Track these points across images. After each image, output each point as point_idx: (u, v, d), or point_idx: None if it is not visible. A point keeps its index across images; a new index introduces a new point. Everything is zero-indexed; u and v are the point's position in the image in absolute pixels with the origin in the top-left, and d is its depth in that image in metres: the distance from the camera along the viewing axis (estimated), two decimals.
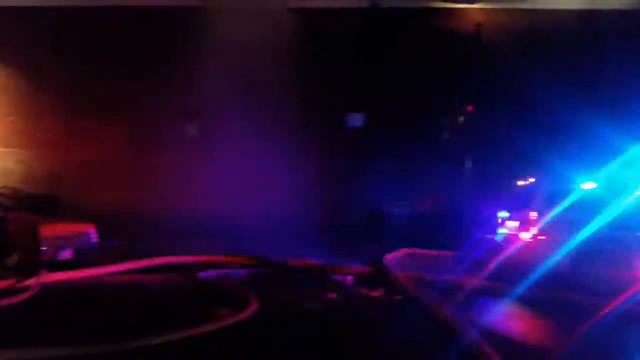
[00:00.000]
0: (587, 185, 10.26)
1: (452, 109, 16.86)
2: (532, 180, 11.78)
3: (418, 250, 12.87)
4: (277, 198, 15.12)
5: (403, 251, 12.72)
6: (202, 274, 9.16)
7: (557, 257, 9.29)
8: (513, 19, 17.44)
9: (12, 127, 18.45)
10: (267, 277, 9.65)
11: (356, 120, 18.31)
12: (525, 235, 11.05)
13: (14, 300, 6.41)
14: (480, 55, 17.23)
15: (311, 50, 17.00)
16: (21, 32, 18.03)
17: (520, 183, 12.49)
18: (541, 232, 10.70)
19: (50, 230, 8.80)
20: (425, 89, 16.87)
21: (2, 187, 14.41)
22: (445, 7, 17.59)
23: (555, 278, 8.53)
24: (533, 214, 11.02)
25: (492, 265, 10.39)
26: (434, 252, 12.54)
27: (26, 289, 7.03)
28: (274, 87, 15.30)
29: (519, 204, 11.49)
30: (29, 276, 7.32)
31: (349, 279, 9.48)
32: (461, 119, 16.67)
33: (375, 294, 8.40)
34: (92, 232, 9.62)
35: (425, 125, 16.94)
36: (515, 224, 11.41)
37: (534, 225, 10.89)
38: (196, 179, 15.85)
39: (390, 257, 11.59)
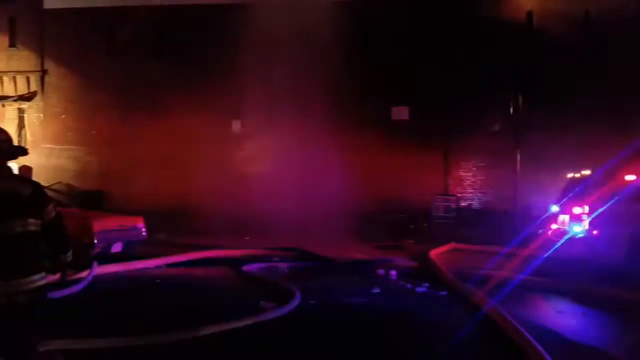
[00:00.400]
0: (631, 177, 9.86)
1: (502, 100, 16.42)
2: (585, 172, 11.34)
3: (465, 246, 12.65)
4: (321, 192, 15.05)
5: (449, 246, 12.53)
6: (247, 267, 9.29)
7: (612, 252, 8.97)
8: (566, 5, 16.82)
9: (65, 125, 19.14)
10: (311, 271, 9.67)
11: (401, 113, 18.12)
12: (578, 230, 10.73)
13: (68, 292, 6.69)
14: (531, 43, 16.70)
15: (357, 43, 16.90)
16: (74, 34, 18.64)
17: (572, 176, 12.04)
18: (594, 226, 10.38)
19: (102, 224, 9.09)
20: (473, 81, 16.49)
21: (57, 183, 14.90)
22: None
23: (610, 274, 8.23)
24: (586, 208, 10.69)
25: (543, 261, 10.12)
26: (481, 247, 12.32)
27: (79, 281, 7.31)
28: (319, 81, 15.26)
29: (571, 198, 11.11)
30: (82, 269, 7.60)
31: (394, 273, 9.39)
32: (511, 110, 16.23)
33: (421, 289, 8.33)
34: (141, 226, 9.89)
35: (473, 118, 16.59)
36: (567, 217, 11.12)
37: (586, 220, 10.58)
38: (242, 174, 15.97)
39: (436, 252, 11.44)
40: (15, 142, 3.54)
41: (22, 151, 3.60)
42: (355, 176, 15.69)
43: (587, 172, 10.99)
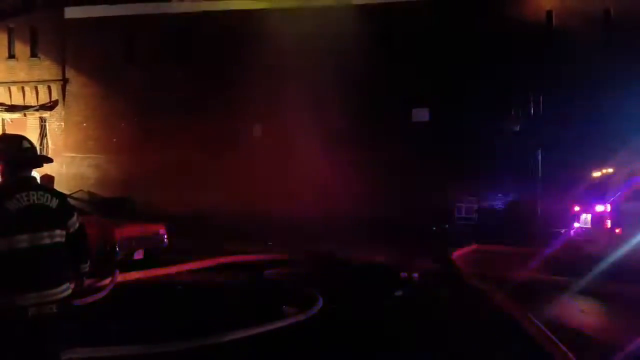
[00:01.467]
0: None
1: (523, 100, 16.21)
2: (609, 171, 11.14)
3: (487, 247, 12.49)
4: (342, 195, 15.01)
5: (472, 247, 12.40)
6: (268, 272, 9.28)
7: (636, 251, 8.79)
8: (586, 5, 16.48)
9: (86, 133, 19.37)
10: (334, 274, 9.62)
11: (421, 115, 18.00)
12: (601, 229, 10.53)
13: (91, 299, 6.74)
14: (551, 43, 16.47)
15: (376, 46, 16.83)
16: (95, 42, 18.85)
17: (595, 175, 11.83)
18: (617, 225, 10.18)
19: (124, 232, 9.12)
20: (493, 81, 16.31)
21: (78, 191, 15.04)
22: None
23: (633, 273, 8.07)
24: (608, 207, 10.50)
25: (565, 260, 9.98)
26: (504, 248, 12.17)
27: (102, 288, 7.36)
28: (339, 84, 15.23)
29: (593, 196, 10.91)
30: (105, 276, 7.66)
31: (416, 276, 9.31)
32: (532, 110, 16.02)
33: (443, 291, 8.24)
34: (162, 233, 9.92)
35: (493, 118, 16.37)
36: (590, 217, 10.94)
37: (609, 219, 10.38)
38: (263, 179, 15.99)
39: (458, 254, 11.31)
40: (37, 151, 3.57)
41: (46, 159, 3.63)
42: (376, 178, 15.64)
43: (610, 170, 10.80)
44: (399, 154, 16.22)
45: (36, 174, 3.63)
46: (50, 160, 3.67)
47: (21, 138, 3.40)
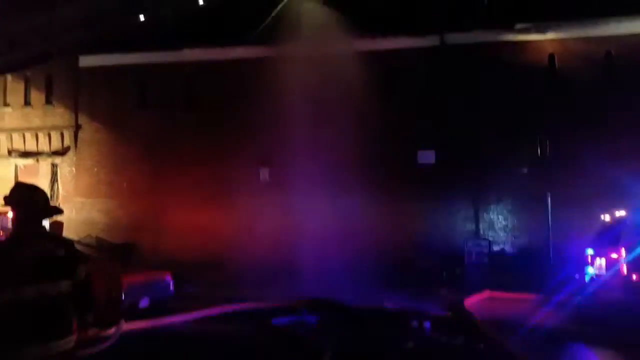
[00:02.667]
0: None
1: (529, 142, 16.22)
2: (620, 214, 10.96)
3: (500, 293, 12.23)
4: (350, 239, 14.88)
5: (484, 294, 12.14)
6: (275, 321, 9.12)
7: None
8: (588, 47, 16.73)
9: (97, 178, 19.52)
10: (342, 323, 9.45)
11: (427, 157, 18.03)
12: (616, 275, 10.27)
13: (95, 350, 6.62)
14: (555, 86, 16.62)
15: (381, 90, 17.03)
16: (108, 90, 19.25)
17: (606, 218, 11.65)
18: (633, 270, 9.93)
19: (130, 279, 9.06)
20: (498, 124, 16.39)
21: (87, 237, 15.16)
22: (516, 40, 17.20)
23: None
24: (623, 252, 10.27)
25: (580, 307, 9.72)
26: (517, 295, 11.90)
27: (107, 338, 7.24)
28: (345, 127, 15.34)
29: (607, 241, 10.70)
30: (110, 326, 7.55)
31: (428, 325, 9.10)
32: (539, 152, 16.00)
33: (456, 341, 8.01)
34: (169, 281, 9.86)
35: (500, 160, 16.38)
36: (604, 261, 10.70)
37: (625, 264, 10.14)
38: (271, 223, 16.00)
39: (470, 301, 11.08)
40: (48, 196, 3.58)
41: (57, 211, 3.64)
42: (384, 221, 15.53)
43: (622, 213, 10.63)
44: (405, 197, 16.15)
45: (45, 220, 3.64)
46: (60, 212, 3.68)
47: (34, 188, 3.43)
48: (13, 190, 3.42)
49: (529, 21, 16.63)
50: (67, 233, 14.39)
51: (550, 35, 16.71)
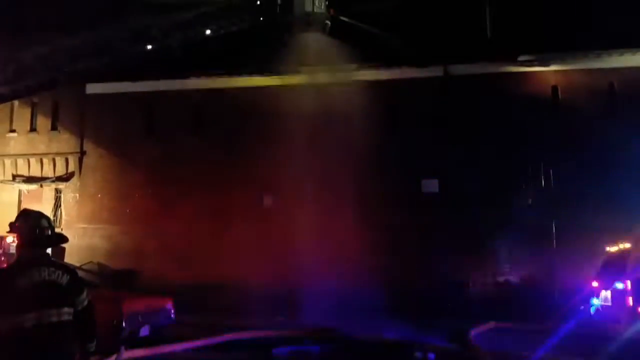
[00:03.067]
0: None
1: (533, 173, 16.21)
2: (625, 246, 10.89)
3: (505, 324, 12.06)
4: (353, 267, 14.79)
5: (489, 325, 11.98)
6: (276, 350, 8.99)
7: None
8: (590, 79, 16.83)
9: (100, 204, 19.52)
10: (345, 354, 9.32)
11: (431, 186, 18.02)
12: (622, 307, 10.13)
13: None
14: (558, 117, 16.69)
15: (384, 118, 17.13)
16: (114, 116, 19.41)
17: (611, 249, 11.56)
18: (638, 303, 9.78)
19: (131, 306, 8.98)
20: (502, 154, 16.40)
21: (88, 263, 15.08)
22: (519, 72, 17.33)
23: None
24: (628, 283, 10.15)
25: (586, 340, 9.57)
26: (522, 326, 11.73)
27: None
28: (349, 155, 15.39)
29: (612, 272, 10.60)
30: (110, 354, 7.46)
31: (432, 356, 8.94)
32: (543, 183, 15.99)
33: None
34: (170, 308, 9.75)
35: (504, 191, 16.31)
36: (609, 293, 10.57)
37: (631, 296, 10.02)
38: (274, 250, 15.92)
39: (475, 332, 10.93)
40: (53, 223, 3.59)
41: (62, 239, 3.65)
42: (387, 249, 15.45)
43: (627, 245, 10.57)
44: (409, 225, 16.11)
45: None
46: (65, 241, 3.68)
47: (40, 216, 3.44)
48: (19, 217, 3.43)
49: (532, 53, 16.85)
50: (68, 259, 14.33)
51: (553, 67, 16.90)
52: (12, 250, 16.11)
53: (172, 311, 9.69)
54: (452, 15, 16.92)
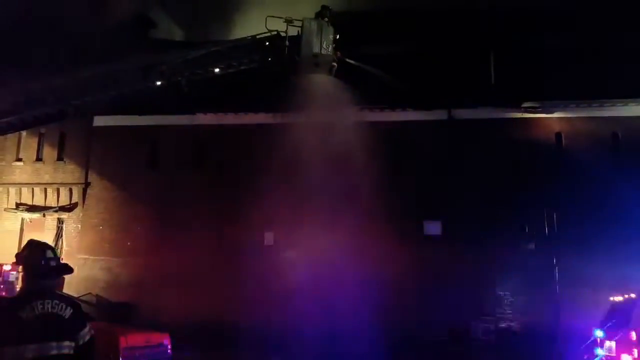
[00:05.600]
0: None
1: (537, 218, 16.17)
2: (631, 296, 10.75)
3: None
4: (353, 309, 14.60)
5: None
6: None
7: None
8: (594, 127, 17.04)
9: (102, 236, 19.49)
10: None
11: (434, 228, 17.96)
12: (627, 358, 9.93)
13: None
14: (562, 163, 16.77)
15: (388, 160, 17.22)
16: (119, 149, 19.59)
17: (616, 299, 11.42)
18: None
19: (128, 341, 8.89)
20: (505, 198, 16.43)
21: (87, 294, 14.96)
22: (523, 118, 17.56)
23: None
24: (634, 335, 9.97)
25: None
26: None
27: None
28: (351, 196, 15.41)
29: (617, 322, 10.43)
30: None
31: None
32: (546, 228, 15.95)
33: None
34: (167, 343, 9.64)
35: (507, 235, 16.28)
36: (614, 344, 10.37)
37: (636, 347, 9.83)
38: (272, 288, 15.76)
39: None
40: (59, 254, 3.59)
41: (67, 270, 3.64)
42: (388, 292, 15.28)
43: (632, 295, 10.44)
44: (411, 267, 15.99)
45: None
46: (70, 271, 3.67)
47: (46, 247, 3.45)
48: (25, 247, 3.45)
49: (536, 100, 17.07)
50: (67, 289, 14.23)
51: (557, 115, 17.13)
52: (11, 278, 16.04)
53: (169, 347, 9.58)
54: (457, 60, 17.24)
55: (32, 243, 3.52)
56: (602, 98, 16.54)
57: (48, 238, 18.50)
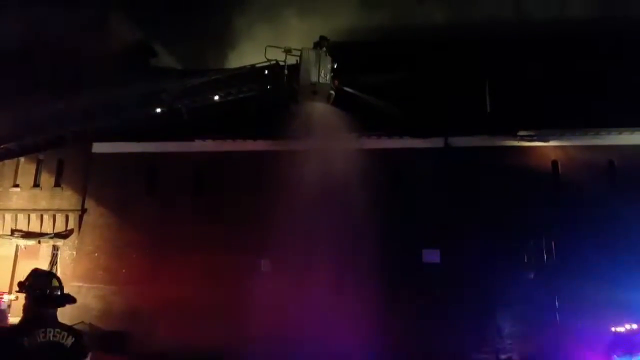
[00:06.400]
0: None
1: (535, 247, 16.15)
2: (633, 326, 10.68)
3: None
4: (351, 337, 14.44)
5: None
6: None
7: None
8: (590, 156, 17.12)
9: (97, 263, 19.28)
10: None
11: (432, 256, 17.86)
12: None
13: None
14: (559, 191, 16.82)
15: (386, 187, 17.26)
16: (117, 176, 19.55)
17: (618, 329, 11.33)
18: None
19: None
20: (503, 226, 16.33)
21: (79, 323, 14.69)
22: (519, 146, 17.64)
23: None
24: None
25: None
26: None
27: None
28: (349, 224, 15.37)
29: (620, 353, 10.33)
30: None
31: None
32: (545, 257, 15.92)
33: None
34: None
35: (506, 264, 16.12)
36: None
37: None
38: (270, 317, 15.56)
39: None
40: (62, 284, 3.58)
41: (70, 300, 3.63)
42: (386, 320, 15.13)
43: (634, 326, 10.39)
44: (409, 296, 15.90)
45: None
46: (73, 301, 3.66)
47: (50, 276, 3.45)
48: (29, 276, 3.44)
49: (531, 129, 17.23)
50: (60, 317, 14.02)
51: (552, 143, 17.26)
52: (2, 306, 15.84)
53: None
54: (453, 88, 17.43)
55: (36, 272, 3.51)
56: (597, 127, 16.70)
57: (42, 265, 18.31)
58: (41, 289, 3.32)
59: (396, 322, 15.33)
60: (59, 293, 3.41)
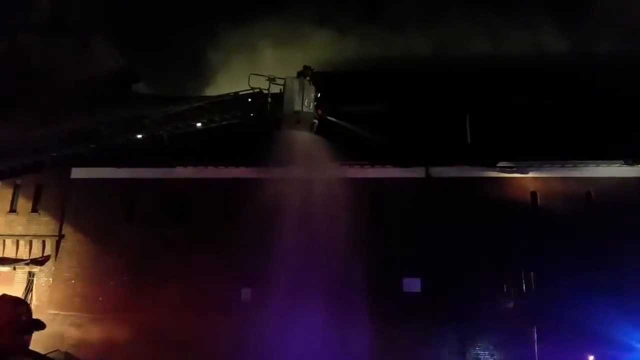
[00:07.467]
0: None
1: (514, 277, 16.25)
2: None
3: None
4: None
5: None
6: None
7: None
8: (568, 187, 17.43)
9: (73, 290, 18.86)
10: None
11: (413, 285, 17.85)
12: None
13: None
14: (538, 221, 17.03)
15: (367, 216, 17.31)
16: (96, 201, 19.30)
17: None
18: None
19: None
20: (483, 256, 16.50)
21: (55, 351, 14.33)
22: (498, 177, 17.92)
23: None
24: None
25: None
26: None
27: None
28: (330, 252, 15.34)
29: None
30: None
31: None
32: (524, 287, 16.03)
33: None
34: None
35: (485, 293, 16.20)
36: None
37: None
38: (249, 347, 15.36)
39: None
40: (32, 310, 3.50)
41: (38, 326, 3.55)
42: (366, 350, 15.02)
43: None
44: (389, 325, 15.84)
45: None
46: (42, 327, 3.59)
47: (18, 302, 3.38)
48: None
49: (511, 160, 17.52)
50: (34, 346, 13.62)
51: (531, 175, 17.55)
52: None
53: None
54: (434, 119, 17.69)
55: (3, 298, 3.42)
56: (575, 159, 17.03)
57: (17, 291, 17.90)
58: (11, 316, 3.23)
59: (377, 350, 15.20)
60: (25, 319, 3.32)
